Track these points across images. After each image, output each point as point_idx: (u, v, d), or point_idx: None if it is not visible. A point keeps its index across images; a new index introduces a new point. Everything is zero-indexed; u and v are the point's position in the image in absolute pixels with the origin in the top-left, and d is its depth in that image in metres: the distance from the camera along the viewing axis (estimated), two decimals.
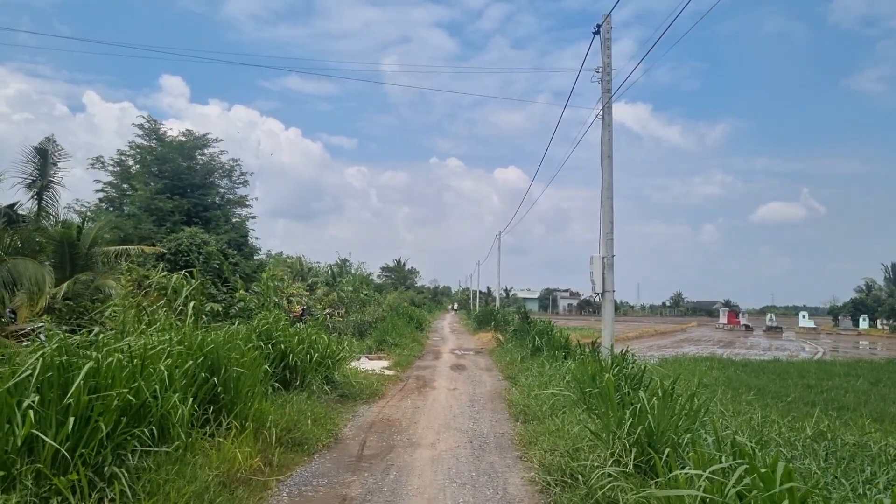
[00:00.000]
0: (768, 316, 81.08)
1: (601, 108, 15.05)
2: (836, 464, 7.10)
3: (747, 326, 76.36)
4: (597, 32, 14.95)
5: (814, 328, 76.28)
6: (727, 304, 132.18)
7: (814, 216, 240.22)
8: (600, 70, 15.12)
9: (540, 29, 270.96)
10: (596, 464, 6.60)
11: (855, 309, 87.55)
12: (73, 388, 5.19)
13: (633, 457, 6.28)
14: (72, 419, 5.01)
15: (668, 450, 5.59)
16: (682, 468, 5.23)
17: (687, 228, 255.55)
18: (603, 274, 14.56)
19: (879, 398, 16.64)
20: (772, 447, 7.15)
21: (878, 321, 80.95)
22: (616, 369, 10.52)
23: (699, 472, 4.69)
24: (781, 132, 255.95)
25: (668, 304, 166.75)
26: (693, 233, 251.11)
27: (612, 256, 14.60)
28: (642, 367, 10.82)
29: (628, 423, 6.70)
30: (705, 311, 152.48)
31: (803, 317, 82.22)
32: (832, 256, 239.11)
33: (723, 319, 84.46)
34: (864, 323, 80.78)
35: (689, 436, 6.46)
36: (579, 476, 6.67)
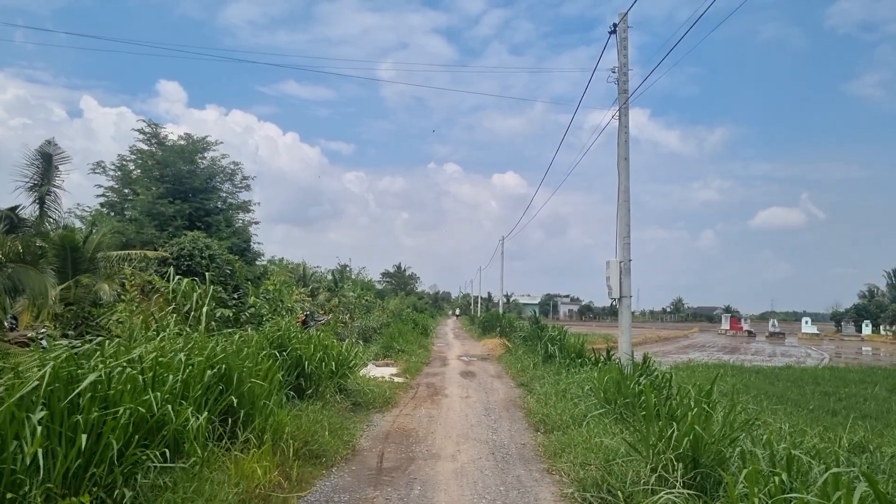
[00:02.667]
0: (771, 322, 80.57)
1: (617, 109, 14.69)
2: (885, 478, 6.72)
3: (750, 332, 75.80)
4: (613, 32, 14.58)
5: (817, 334, 75.72)
6: (727, 309, 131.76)
7: (814, 221, 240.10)
8: (616, 70, 14.77)
9: (538, 35, 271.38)
10: (642, 480, 6.21)
11: (858, 314, 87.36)
12: (83, 402, 4.81)
13: (680, 473, 5.88)
14: (84, 435, 4.63)
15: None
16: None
17: (686, 234, 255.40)
18: (620, 279, 14.16)
19: None
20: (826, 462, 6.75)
21: (882, 327, 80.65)
22: (641, 377, 10.15)
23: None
24: (780, 137, 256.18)
25: (668, 309, 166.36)
26: (692, 238, 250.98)
27: (630, 261, 14.21)
28: (668, 374, 10.44)
29: (672, 436, 6.30)
30: (706, 316, 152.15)
31: (806, 322, 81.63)
32: (833, 262, 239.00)
33: (725, 325, 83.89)
34: (867, 329, 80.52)
35: (737, 449, 6.09)
36: (619, 492, 6.28)
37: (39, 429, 4.36)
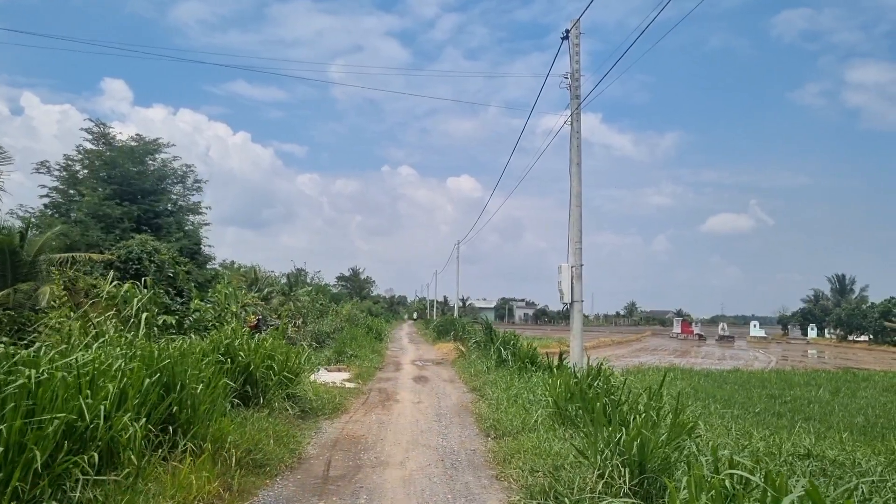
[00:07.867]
0: (720, 325, 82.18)
1: (570, 114, 14.78)
2: (827, 482, 6.81)
3: (700, 336, 77.19)
4: (565, 38, 14.69)
5: (764, 337, 77.56)
6: (679, 313, 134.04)
7: (762, 227, 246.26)
8: (568, 76, 14.86)
9: (492, 40, 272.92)
10: (588, 486, 6.18)
11: (803, 318, 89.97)
12: (6, 410, 4.58)
13: (627, 479, 5.87)
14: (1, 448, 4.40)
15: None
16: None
17: (638, 238, 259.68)
18: (572, 283, 14.24)
19: (842, 408, 16.65)
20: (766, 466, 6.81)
21: (826, 330, 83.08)
22: (593, 382, 10.18)
23: None
24: (728, 145, 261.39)
25: (622, 313, 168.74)
26: (645, 243, 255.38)
27: (581, 266, 14.29)
28: (621, 379, 10.49)
29: (620, 441, 6.30)
30: (658, 320, 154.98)
31: (754, 326, 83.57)
32: (780, 267, 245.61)
33: (677, 329, 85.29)
34: (812, 332, 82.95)
35: (681, 454, 6.11)
36: (566, 499, 6.24)
37: None
